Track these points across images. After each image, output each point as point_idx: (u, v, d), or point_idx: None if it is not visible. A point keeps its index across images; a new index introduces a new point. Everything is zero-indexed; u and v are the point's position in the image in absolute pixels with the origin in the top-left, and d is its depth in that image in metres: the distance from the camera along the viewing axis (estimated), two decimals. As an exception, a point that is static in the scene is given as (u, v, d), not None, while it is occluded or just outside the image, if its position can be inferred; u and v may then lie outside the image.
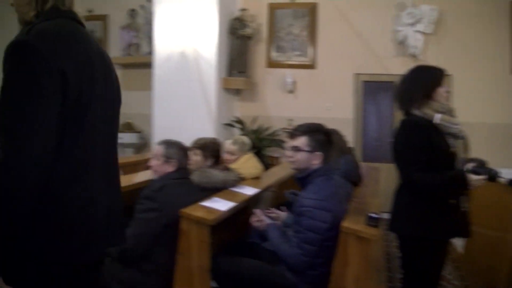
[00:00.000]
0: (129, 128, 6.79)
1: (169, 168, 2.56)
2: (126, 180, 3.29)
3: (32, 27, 1.24)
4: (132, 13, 6.85)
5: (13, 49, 1.18)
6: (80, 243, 1.28)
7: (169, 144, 2.61)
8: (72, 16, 1.36)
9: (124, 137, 6.54)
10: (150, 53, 6.29)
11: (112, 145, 1.48)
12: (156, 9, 5.89)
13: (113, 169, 1.47)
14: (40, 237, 1.22)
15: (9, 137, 1.14)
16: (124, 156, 5.99)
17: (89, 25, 6.63)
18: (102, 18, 7.26)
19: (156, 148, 2.64)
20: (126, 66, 7.03)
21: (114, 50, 7.06)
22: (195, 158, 2.96)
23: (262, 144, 5.85)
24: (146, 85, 6.35)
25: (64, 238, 1.24)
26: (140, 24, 6.82)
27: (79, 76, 1.25)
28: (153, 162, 2.60)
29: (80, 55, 1.28)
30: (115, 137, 1.51)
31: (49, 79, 1.18)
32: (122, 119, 6.52)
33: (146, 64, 6.36)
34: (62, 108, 1.21)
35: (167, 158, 2.56)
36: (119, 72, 7.28)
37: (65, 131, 1.24)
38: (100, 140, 1.38)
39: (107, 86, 1.40)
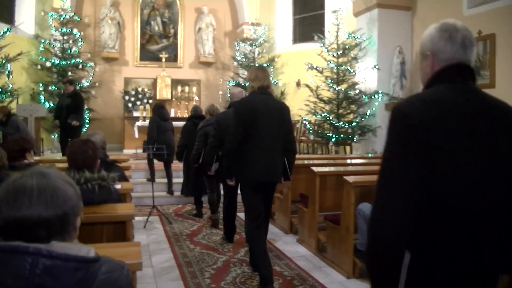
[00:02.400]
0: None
1: None
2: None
3: None
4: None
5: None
6: (253, 175, 3.54)
7: None
8: (260, 91, 3.57)
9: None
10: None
11: (273, 140, 3.54)
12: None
13: (273, 150, 3.54)
14: (239, 170, 3.66)
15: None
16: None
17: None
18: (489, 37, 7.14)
19: None
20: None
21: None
22: None
23: None
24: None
25: (248, 173, 3.57)
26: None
27: (249, 115, 3.48)
28: None
29: (250, 107, 3.52)
30: (276, 138, 3.55)
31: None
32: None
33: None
34: (244, 126, 3.51)
35: None
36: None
37: (248, 136, 3.47)
38: (263, 138, 3.48)
39: (268, 117, 3.50)
